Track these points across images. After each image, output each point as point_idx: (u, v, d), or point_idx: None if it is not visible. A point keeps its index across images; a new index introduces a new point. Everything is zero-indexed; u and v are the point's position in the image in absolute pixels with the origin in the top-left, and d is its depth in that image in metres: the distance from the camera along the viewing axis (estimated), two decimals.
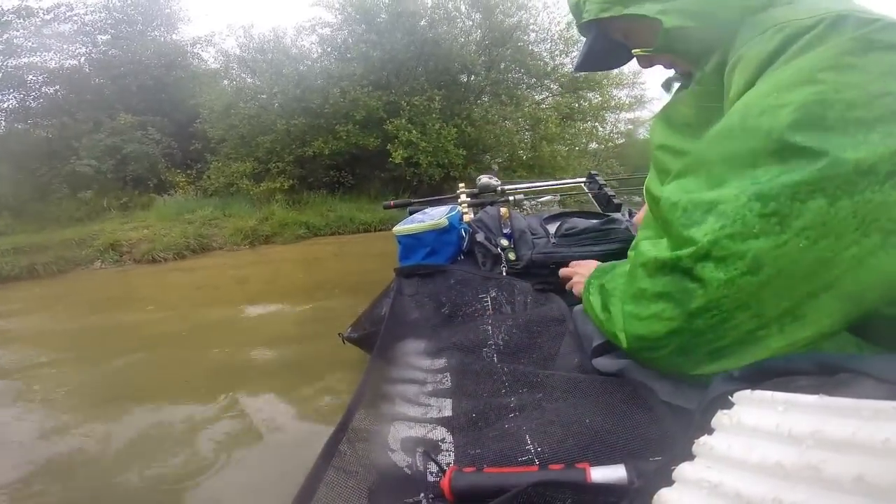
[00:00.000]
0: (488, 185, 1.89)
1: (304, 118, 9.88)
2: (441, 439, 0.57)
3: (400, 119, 9.89)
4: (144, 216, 9.05)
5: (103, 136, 10.61)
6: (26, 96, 12.18)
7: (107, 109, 11.29)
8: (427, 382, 0.71)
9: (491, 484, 0.45)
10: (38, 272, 6.73)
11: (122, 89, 12.09)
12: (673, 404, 0.56)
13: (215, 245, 8.09)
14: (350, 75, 10.00)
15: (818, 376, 0.33)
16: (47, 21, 11.78)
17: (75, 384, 2.49)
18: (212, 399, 2.17)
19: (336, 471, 0.48)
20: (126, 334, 3.43)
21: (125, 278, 6.25)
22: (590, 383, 0.63)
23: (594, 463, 0.45)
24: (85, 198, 9.75)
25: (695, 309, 0.50)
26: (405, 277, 1.09)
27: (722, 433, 0.34)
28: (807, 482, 0.25)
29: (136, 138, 10.76)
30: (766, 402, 0.33)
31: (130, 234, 7.85)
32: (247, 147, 10.23)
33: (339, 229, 9.14)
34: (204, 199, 9.97)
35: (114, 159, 10.56)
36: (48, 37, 11.94)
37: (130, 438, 1.89)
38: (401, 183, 10.79)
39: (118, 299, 4.85)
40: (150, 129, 10.99)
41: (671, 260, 0.52)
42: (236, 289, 5.00)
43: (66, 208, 9.48)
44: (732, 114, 0.53)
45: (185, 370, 2.60)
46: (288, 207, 9.60)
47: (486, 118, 10.93)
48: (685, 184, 0.55)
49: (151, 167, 10.95)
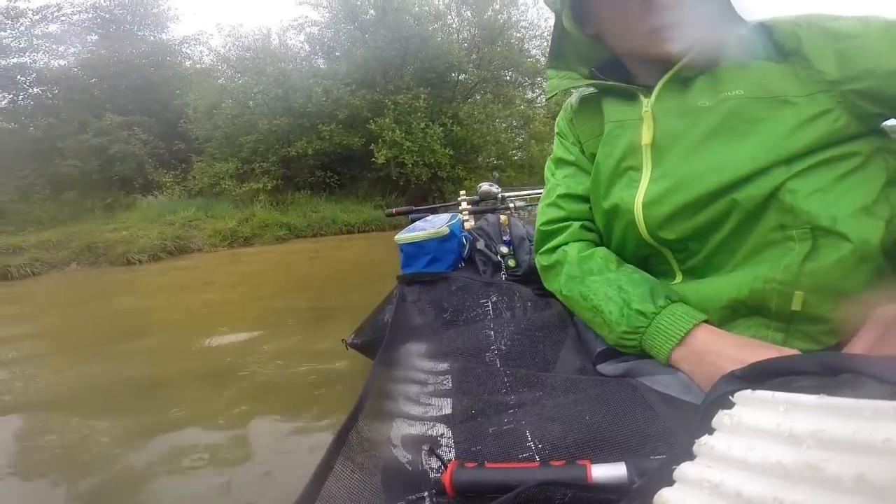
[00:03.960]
0: (489, 193, 1.93)
1: (286, 118, 9.82)
2: (441, 435, 0.57)
3: (384, 118, 9.81)
4: (126, 217, 9.02)
5: (89, 137, 10.61)
6: (15, 97, 12.21)
7: (94, 109, 11.30)
8: (428, 383, 0.71)
9: (492, 479, 0.45)
10: (12, 274, 6.67)
11: (111, 89, 12.11)
12: (677, 404, 0.57)
13: (193, 247, 8.02)
14: (334, 74, 9.91)
15: (819, 376, 0.33)
16: (36, 21, 11.80)
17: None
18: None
19: (343, 464, 0.49)
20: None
21: (91, 282, 6.15)
22: (590, 382, 0.64)
23: (595, 460, 0.45)
24: (68, 198, 9.74)
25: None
26: (407, 285, 1.10)
27: (723, 433, 0.34)
28: (807, 482, 0.26)
29: (123, 138, 10.77)
30: (766, 402, 0.33)
31: (108, 236, 7.78)
32: (231, 147, 10.18)
33: (321, 230, 9.06)
34: (188, 200, 9.94)
35: (99, 160, 10.56)
36: (37, 37, 11.98)
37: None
38: (388, 183, 10.71)
39: (79, 301, 4.75)
40: (136, 130, 10.97)
41: None
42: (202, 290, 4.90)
43: (48, 209, 9.46)
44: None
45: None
46: (271, 208, 9.55)
47: (474, 117, 10.81)
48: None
49: (138, 167, 10.93)
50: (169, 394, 2.21)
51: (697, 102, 0.67)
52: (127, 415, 2.01)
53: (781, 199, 0.60)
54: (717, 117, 0.65)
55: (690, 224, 0.67)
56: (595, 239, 0.84)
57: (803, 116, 0.61)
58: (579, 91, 0.88)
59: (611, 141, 0.76)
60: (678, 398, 0.59)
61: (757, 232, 0.63)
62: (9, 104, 12.20)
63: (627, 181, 0.73)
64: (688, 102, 0.68)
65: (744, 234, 0.65)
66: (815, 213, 0.58)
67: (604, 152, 0.77)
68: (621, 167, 0.74)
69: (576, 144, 0.87)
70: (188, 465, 1.61)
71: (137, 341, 3.15)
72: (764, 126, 0.62)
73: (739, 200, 0.62)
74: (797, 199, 0.59)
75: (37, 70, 12.10)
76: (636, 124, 0.72)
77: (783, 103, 0.62)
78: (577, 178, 0.85)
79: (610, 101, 0.78)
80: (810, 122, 0.60)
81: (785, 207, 0.60)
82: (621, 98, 0.77)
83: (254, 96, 9.73)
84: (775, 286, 0.61)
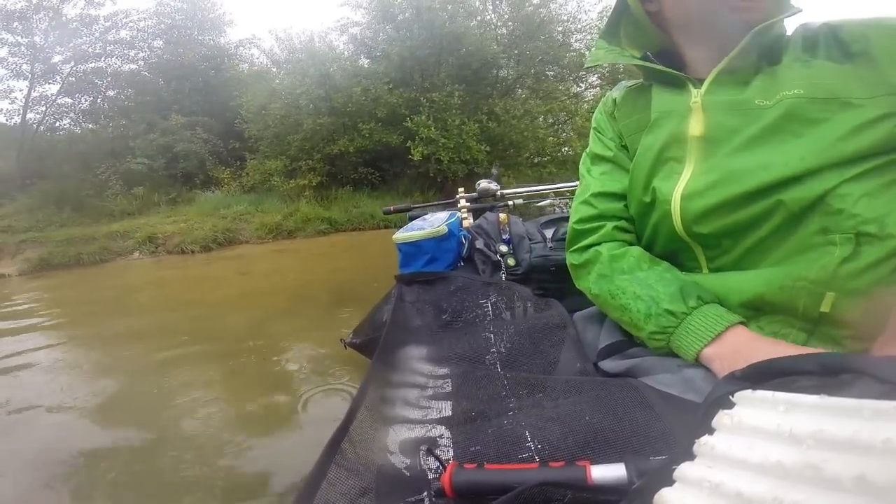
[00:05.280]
0: (487, 190, 1.93)
1: (330, 117, 10.24)
2: (440, 436, 0.58)
3: (420, 116, 10.00)
4: (186, 211, 9.76)
5: (156, 136, 11.51)
6: (95, 99, 13.38)
7: (162, 111, 12.22)
8: (428, 387, 0.71)
9: (491, 481, 0.45)
10: (84, 261, 7.49)
11: (176, 91, 13.03)
12: (678, 403, 0.56)
13: (242, 238, 8.62)
14: (373, 73, 10.21)
15: (820, 377, 0.32)
16: (108, 28, 12.86)
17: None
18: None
19: (338, 468, 0.48)
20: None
21: (148, 268, 6.80)
22: (590, 383, 0.63)
23: (594, 461, 0.45)
24: (137, 193, 10.66)
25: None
26: (406, 285, 1.10)
27: (723, 433, 0.34)
28: (807, 482, 0.25)
29: (186, 137, 11.56)
30: (767, 402, 0.33)
31: (167, 228, 8.52)
32: (280, 145, 10.74)
33: (360, 225, 9.44)
34: (242, 196, 10.60)
35: (165, 157, 11.43)
36: (110, 43, 13.05)
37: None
38: (426, 179, 10.94)
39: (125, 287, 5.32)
40: (198, 129, 11.77)
41: None
42: (235, 279, 5.35)
43: (120, 203, 10.38)
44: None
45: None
46: (315, 203, 10.01)
47: (511, 113, 10.81)
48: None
49: (200, 164, 11.75)
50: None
51: (755, 100, 0.65)
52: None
53: (829, 202, 0.58)
54: (773, 116, 0.63)
55: (728, 221, 0.65)
56: (630, 240, 0.81)
57: (865, 119, 0.58)
58: (624, 84, 0.87)
59: (655, 130, 0.74)
60: (679, 397, 0.58)
61: (797, 235, 0.61)
62: (89, 106, 13.40)
63: (668, 172, 0.72)
64: (745, 99, 0.66)
65: (782, 236, 0.62)
66: (864, 217, 0.56)
67: (647, 141, 0.75)
68: (663, 157, 0.72)
69: (614, 140, 0.85)
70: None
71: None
72: (821, 127, 0.60)
73: (785, 201, 0.60)
74: (846, 203, 0.57)
75: (112, 73, 13.15)
76: (684, 115, 0.71)
77: (844, 105, 0.60)
78: (614, 176, 0.83)
79: (658, 90, 0.77)
80: (871, 126, 0.58)
81: (831, 211, 0.58)
82: (670, 87, 0.75)
83: (298, 97, 10.18)
84: (806, 285, 0.59)
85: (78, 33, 12.49)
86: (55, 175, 10.83)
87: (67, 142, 12.08)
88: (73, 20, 12.33)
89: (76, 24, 12.37)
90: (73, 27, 12.33)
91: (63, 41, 12.45)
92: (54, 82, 12.80)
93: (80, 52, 12.66)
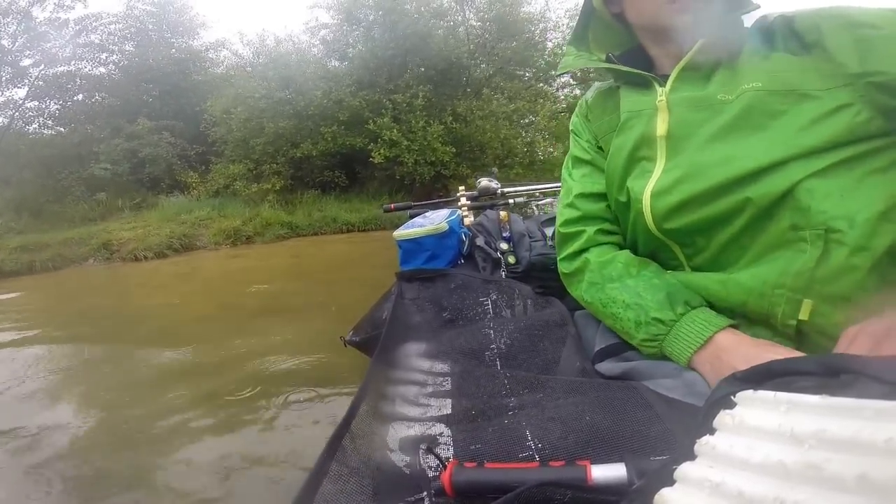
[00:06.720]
0: (488, 188, 1.91)
1: (291, 120, 10.17)
2: (440, 434, 0.58)
3: (383, 118, 9.94)
4: (147, 216, 9.65)
5: (121, 141, 11.39)
6: (65, 103, 13.25)
7: (130, 115, 12.09)
8: (428, 385, 0.71)
9: (491, 479, 0.45)
10: (37, 268, 7.40)
11: (145, 94, 12.93)
12: (679, 406, 0.56)
13: (199, 244, 8.53)
14: (337, 76, 10.15)
15: (821, 377, 0.32)
16: (78, 31, 12.73)
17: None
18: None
19: (339, 465, 0.49)
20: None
21: (98, 275, 6.70)
22: (591, 385, 0.63)
23: (595, 460, 0.45)
24: (100, 199, 10.54)
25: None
26: (406, 281, 1.10)
27: (724, 433, 0.34)
28: (809, 482, 0.26)
29: (153, 142, 11.46)
30: (768, 402, 0.33)
31: (123, 234, 8.42)
32: (244, 149, 10.66)
33: (321, 229, 9.36)
34: (206, 200, 10.50)
35: (130, 163, 11.31)
36: (80, 46, 12.93)
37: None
38: (394, 182, 10.87)
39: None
40: (164, 134, 11.66)
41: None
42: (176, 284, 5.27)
43: (80, 209, 10.27)
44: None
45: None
46: (279, 207, 9.93)
47: (475, 114, 10.76)
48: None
49: (168, 169, 11.64)
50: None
51: (717, 95, 0.66)
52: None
53: (797, 197, 0.58)
54: (735, 110, 0.63)
55: (696, 217, 0.66)
56: (617, 241, 0.82)
57: (823, 110, 0.59)
58: (596, 86, 0.88)
59: (625, 131, 0.76)
60: (680, 401, 0.58)
61: (768, 231, 0.61)
62: (58, 110, 13.28)
63: (640, 171, 0.73)
64: (707, 95, 0.67)
65: (754, 233, 0.63)
66: (832, 214, 0.56)
67: (618, 142, 0.77)
68: (635, 156, 0.74)
69: (590, 142, 0.86)
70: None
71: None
72: (782, 120, 0.61)
73: (753, 198, 0.61)
74: (814, 199, 0.57)
75: (81, 77, 13.03)
76: (651, 114, 0.72)
77: (803, 97, 0.60)
78: (593, 177, 0.84)
79: (627, 91, 0.78)
80: (830, 116, 0.58)
81: (800, 207, 0.58)
82: (637, 87, 0.76)
83: (259, 100, 10.11)
84: (784, 293, 0.59)
85: (47, 37, 12.39)
86: (16, 181, 10.71)
87: (30, 147, 11.91)
88: (42, 23, 12.23)
89: (46, 27, 12.26)
90: (42, 30, 12.23)
91: (32, 44, 12.35)
92: (22, 86, 12.70)
93: (50, 55, 12.55)
